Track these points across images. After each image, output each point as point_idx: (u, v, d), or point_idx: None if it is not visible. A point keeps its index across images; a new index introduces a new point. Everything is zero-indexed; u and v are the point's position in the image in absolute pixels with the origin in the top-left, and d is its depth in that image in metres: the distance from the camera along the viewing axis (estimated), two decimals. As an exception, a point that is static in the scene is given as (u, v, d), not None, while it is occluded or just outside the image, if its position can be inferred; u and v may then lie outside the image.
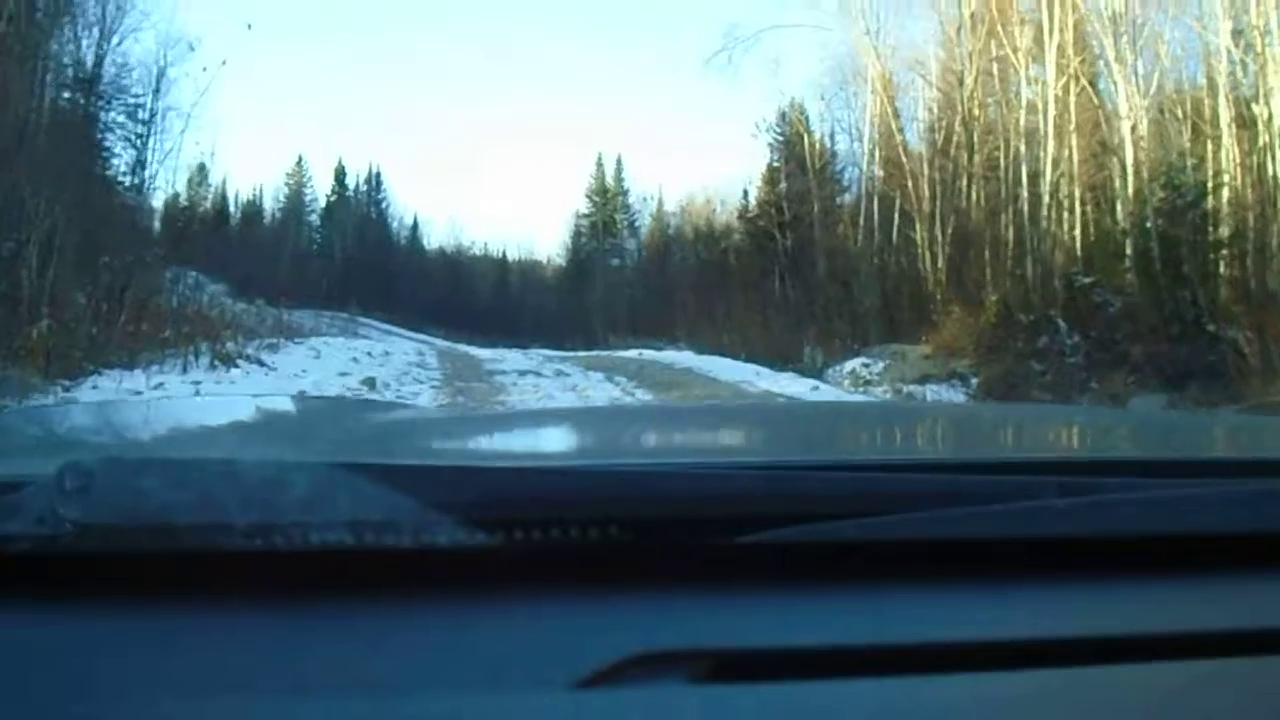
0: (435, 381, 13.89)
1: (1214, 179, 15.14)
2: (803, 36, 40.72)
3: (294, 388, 11.84)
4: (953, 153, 21.57)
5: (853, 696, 0.64)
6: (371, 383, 12.51)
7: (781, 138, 31.55)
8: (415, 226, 55.38)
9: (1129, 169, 16.60)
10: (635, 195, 51.02)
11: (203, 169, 38.62)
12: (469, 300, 49.34)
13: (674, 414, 3.06)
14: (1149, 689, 0.67)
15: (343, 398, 8.10)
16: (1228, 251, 14.55)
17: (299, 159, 51.76)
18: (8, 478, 0.72)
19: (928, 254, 21.44)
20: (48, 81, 16.27)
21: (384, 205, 54.27)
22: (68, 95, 18.54)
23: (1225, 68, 15.66)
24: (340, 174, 52.27)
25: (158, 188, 23.77)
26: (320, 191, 52.24)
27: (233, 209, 48.41)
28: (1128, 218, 16.30)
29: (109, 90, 21.81)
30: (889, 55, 23.86)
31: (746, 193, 35.41)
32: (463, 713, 0.61)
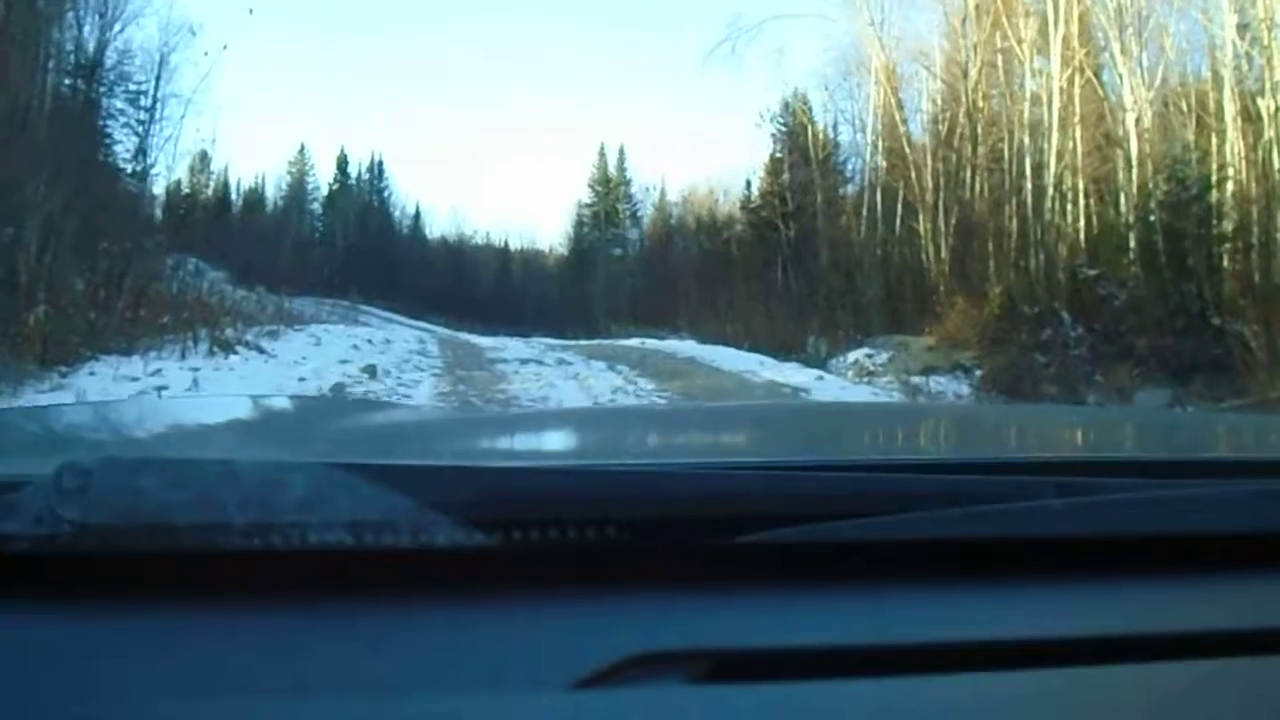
0: (436, 369, 13.82)
1: (1218, 172, 15.14)
2: (806, 27, 40.75)
3: (293, 375, 11.82)
4: (956, 144, 21.57)
5: (852, 696, 0.65)
6: (372, 370, 12.47)
7: (785, 128, 31.57)
8: (417, 215, 55.60)
9: (1133, 162, 16.60)
10: (638, 185, 51.11)
11: (204, 156, 38.81)
12: (471, 289, 49.37)
13: (674, 414, 3.10)
14: (1149, 689, 0.68)
15: (342, 398, 8.13)
16: (1232, 245, 14.55)
17: (301, 147, 51.94)
18: (6, 477, 0.72)
19: (931, 245, 21.43)
20: (50, 68, 16.24)
21: (386, 194, 54.43)
22: (69, 82, 18.51)
23: (1230, 61, 15.63)
24: (342, 162, 52.42)
25: (159, 174, 23.85)
26: (322, 180, 52.42)
27: (234, 196, 48.60)
28: (1132, 210, 16.31)
29: (111, 77, 21.82)
30: (893, 46, 23.86)
31: (749, 183, 35.47)
32: (462, 713, 0.62)
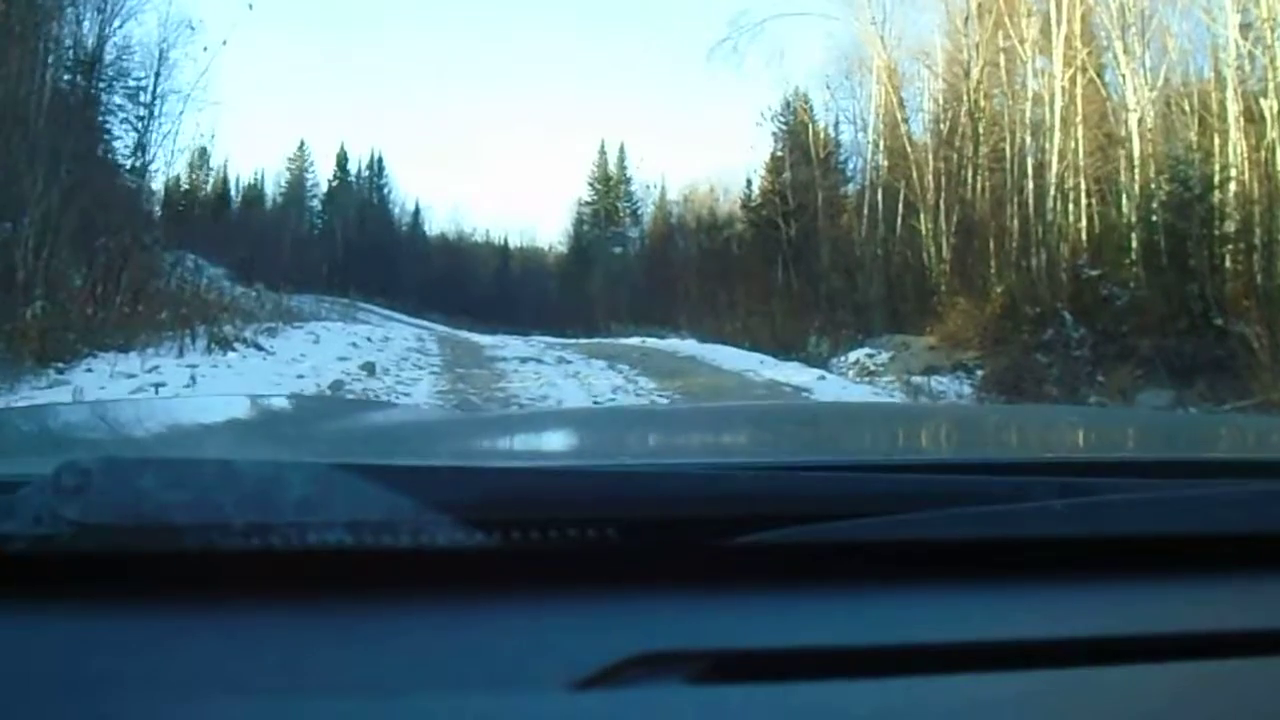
0: (435, 367, 13.79)
1: (1221, 173, 15.12)
2: (808, 25, 40.77)
3: (292, 372, 11.79)
4: (958, 144, 21.55)
5: (852, 697, 0.64)
6: (371, 368, 12.44)
7: (786, 127, 31.54)
8: (417, 212, 55.64)
9: (1135, 162, 16.59)
10: (638, 183, 51.10)
11: (204, 152, 38.82)
12: (470, 287, 49.39)
13: (674, 414, 3.11)
14: (1151, 690, 0.67)
15: (342, 398, 8.10)
16: (1234, 246, 14.52)
17: (301, 144, 51.96)
18: (5, 477, 0.72)
19: (932, 245, 21.41)
20: (49, 63, 16.16)
21: (386, 191, 54.48)
22: (68, 77, 18.43)
23: (1233, 61, 15.60)
24: (342, 159, 52.45)
25: (158, 170, 23.70)
26: (322, 176, 52.49)
27: (234, 193, 48.66)
28: (1134, 211, 16.29)
29: (110, 72, 21.73)
30: (894, 45, 23.84)
31: (750, 182, 35.45)
32: (462, 713, 0.61)
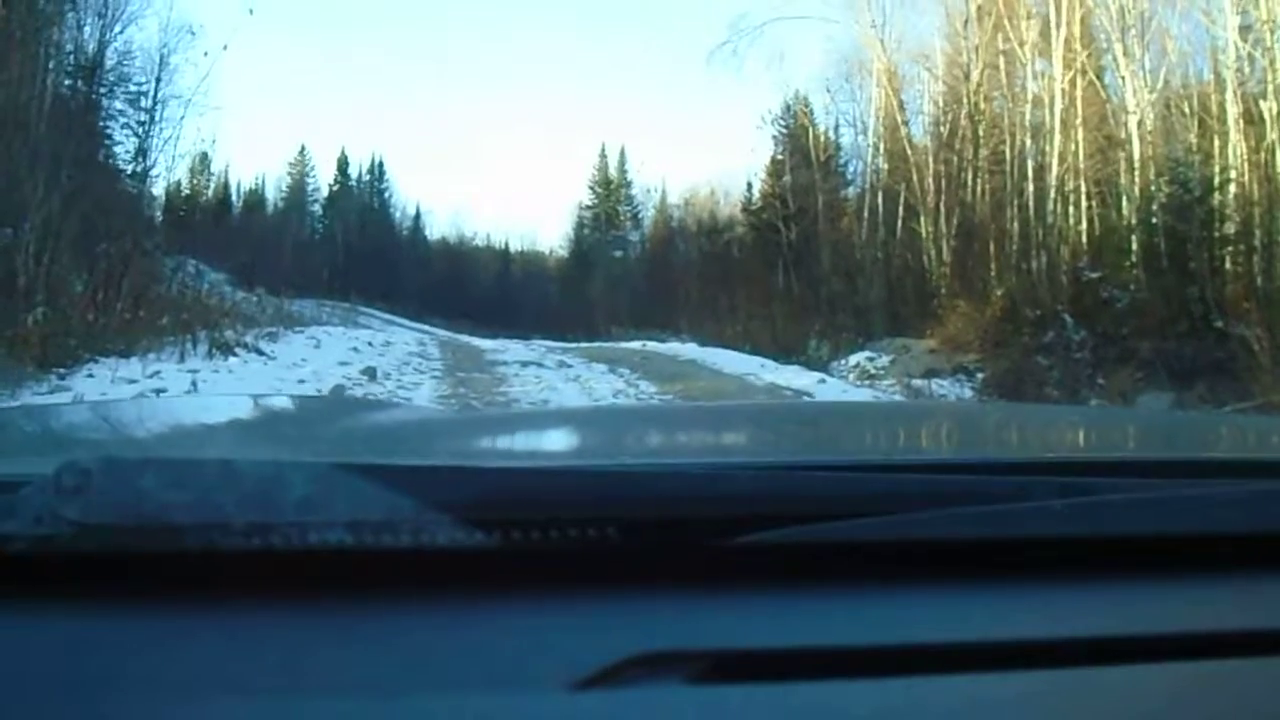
0: (436, 372, 13.79)
1: (1221, 175, 15.13)
2: (808, 29, 40.58)
3: (293, 377, 11.79)
4: (958, 146, 21.55)
5: (852, 697, 0.65)
6: (372, 373, 12.43)
7: (786, 130, 31.56)
8: (418, 217, 55.67)
9: (1135, 164, 16.60)
10: (638, 187, 51.09)
11: (205, 157, 38.85)
12: (471, 291, 49.40)
13: (674, 414, 3.11)
14: (1150, 690, 0.67)
15: (342, 397, 8.08)
16: (1234, 248, 14.53)
17: (301, 148, 52.03)
18: (5, 477, 0.72)
19: (933, 247, 21.41)
20: (50, 68, 16.18)
21: (386, 195, 54.52)
22: (69, 82, 18.44)
23: (1233, 63, 15.61)
24: (343, 164, 52.48)
25: (159, 175, 23.70)
26: (323, 181, 52.54)
27: (235, 198, 48.69)
28: (1134, 213, 16.30)
29: (111, 77, 21.74)
30: (894, 48, 23.86)
31: (750, 185, 35.46)
32: (462, 713, 0.61)
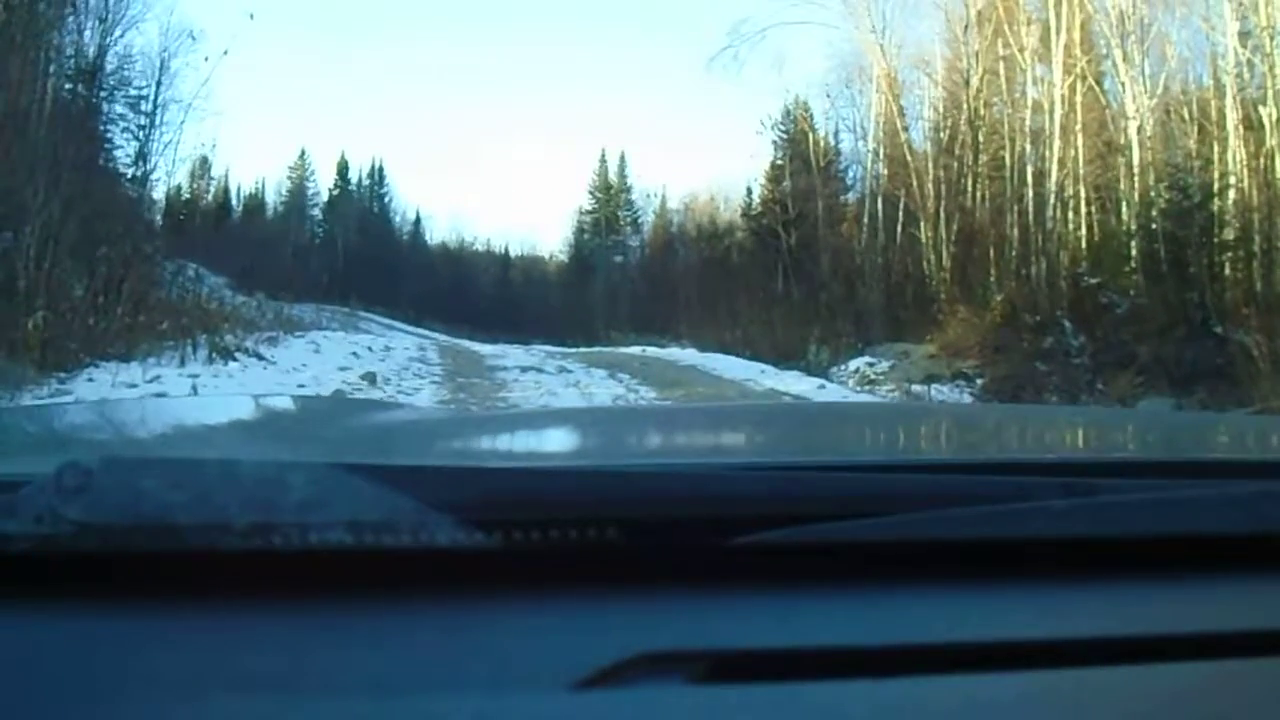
0: (436, 377, 13.79)
1: (1220, 180, 15.16)
2: (808, 34, 40.75)
3: (293, 382, 11.79)
4: (958, 152, 21.58)
5: (853, 697, 0.64)
6: (372, 378, 12.42)
7: (786, 135, 31.60)
8: (418, 221, 55.60)
9: (1135, 170, 16.63)
10: (638, 192, 50.99)
11: (205, 161, 38.91)
12: (471, 296, 49.38)
13: (674, 414, 3.10)
14: (1151, 690, 0.67)
15: (343, 397, 8.08)
16: (1234, 253, 14.53)
17: (302, 152, 51.89)
18: (6, 476, 0.72)
19: (932, 253, 21.42)
20: (50, 72, 16.18)
21: (386, 200, 54.44)
22: (69, 86, 18.45)
23: (1232, 68, 15.65)
24: (343, 168, 52.43)
25: (159, 180, 23.75)
26: (323, 185, 52.40)
27: (235, 202, 48.68)
28: (1134, 218, 16.33)
29: (111, 81, 21.76)
30: (894, 54, 23.92)
31: (750, 190, 35.53)
32: (462, 713, 0.61)
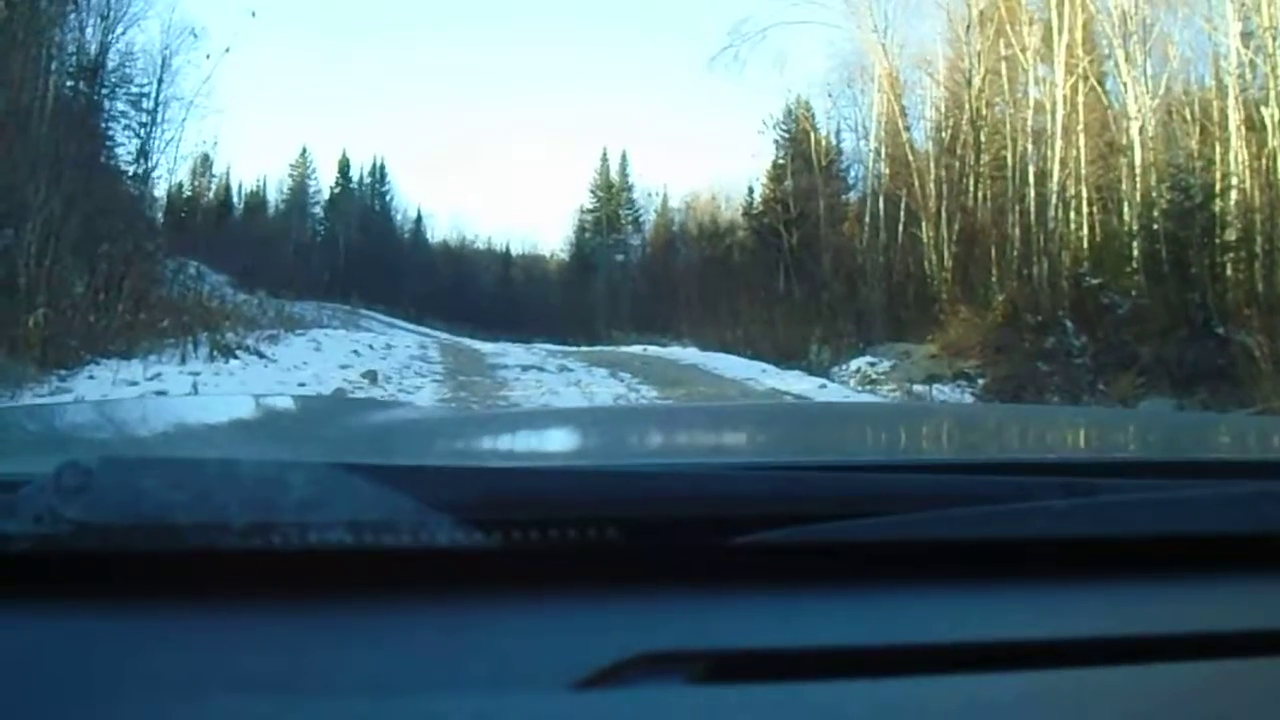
0: (437, 375, 13.79)
1: (1222, 181, 15.15)
2: (810, 34, 40.72)
3: (294, 380, 11.79)
4: (959, 152, 21.56)
5: (853, 697, 0.64)
6: (373, 376, 12.42)
7: (787, 135, 31.59)
8: (419, 219, 55.61)
9: (1137, 170, 16.61)
10: (640, 191, 50.98)
11: (206, 159, 38.77)
12: (472, 294, 49.37)
13: (674, 414, 3.10)
14: (1151, 690, 0.67)
15: (343, 397, 8.07)
16: (1235, 254, 14.52)
17: (303, 150, 51.91)
18: (6, 476, 0.72)
19: (934, 253, 21.39)
20: (52, 69, 16.19)
21: (388, 198, 54.47)
22: (71, 83, 18.45)
23: (1235, 69, 15.63)
24: (344, 166, 52.43)
25: (160, 177, 23.82)
26: (324, 183, 52.42)
27: (236, 200, 48.63)
28: (1135, 219, 16.32)
29: (113, 79, 21.79)
30: (896, 53, 23.89)
31: (752, 190, 35.50)
32: (462, 713, 0.61)
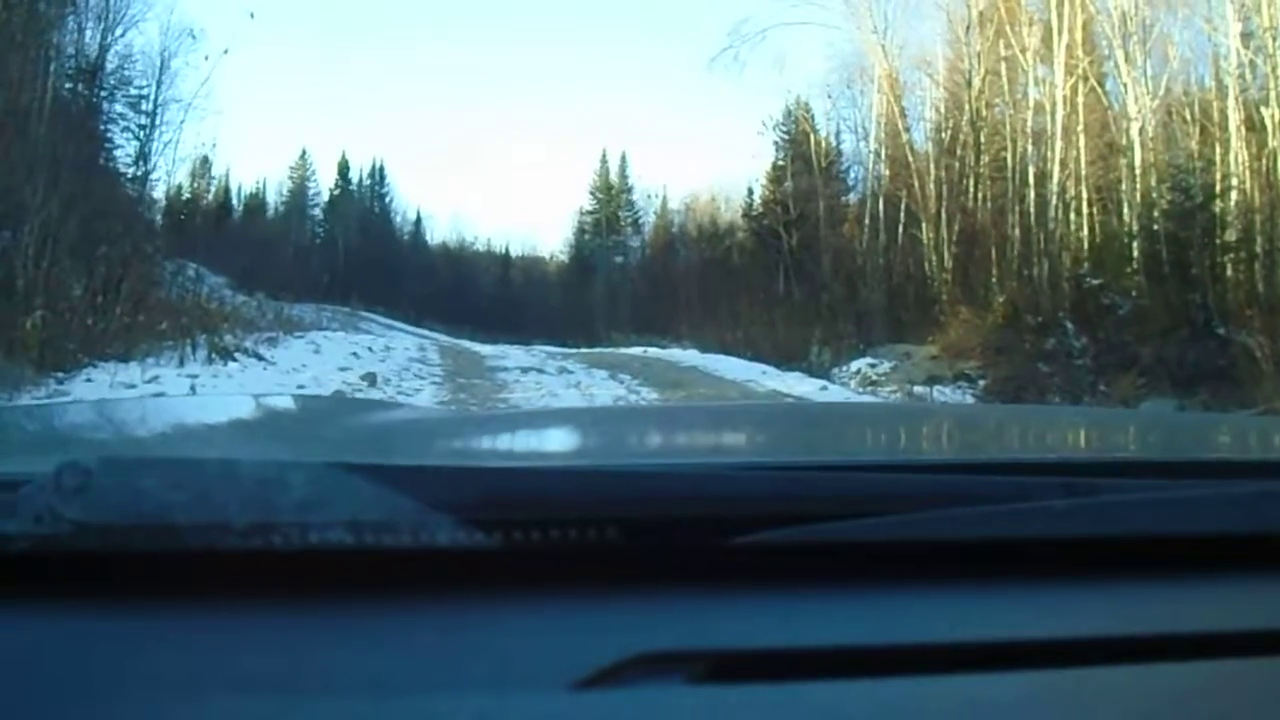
0: (437, 378, 13.81)
1: (1222, 182, 15.15)
2: (809, 35, 40.65)
3: (292, 382, 11.78)
4: (959, 152, 21.58)
5: (853, 697, 0.64)
6: (372, 378, 12.41)
7: (787, 136, 31.59)
8: (418, 221, 55.58)
9: (1137, 170, 16.60)
10: (639, 192, 50.93)
11: (205, 161, 38.73)
12: (472, 296, 49.38)
13: (674, 414, 3.09)
14: (1151, 690, 0.67)
15: (343, 397, 8.04)
16: (1236, 255, 14.52)
17: (302, 152, 51.85)
18: (5, 476, 0.72)
19: (934, 254, 21.40)
20: (50, 71, 16.17)
21: (387, 200, 54.43)
22: (70, 85, 18.44)
23: (1235, 69, 15.64)
24: (344, 168, 52.40)
25: (159, 179, 23.78)
26: (323, 185, 52.38)
27: (235, 202, 48.59)
28: (1135, 219, 16.32)
29: (111, 81, 21.78)
30: (896, 54, 23.91)
31: (751, 191, 35.50)
32: (462, 713, 0.61)
